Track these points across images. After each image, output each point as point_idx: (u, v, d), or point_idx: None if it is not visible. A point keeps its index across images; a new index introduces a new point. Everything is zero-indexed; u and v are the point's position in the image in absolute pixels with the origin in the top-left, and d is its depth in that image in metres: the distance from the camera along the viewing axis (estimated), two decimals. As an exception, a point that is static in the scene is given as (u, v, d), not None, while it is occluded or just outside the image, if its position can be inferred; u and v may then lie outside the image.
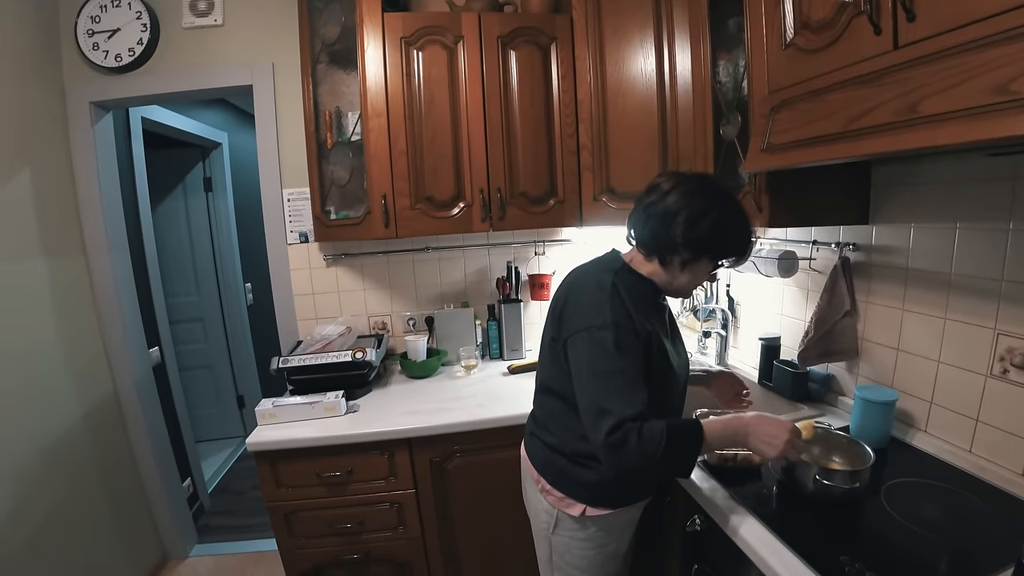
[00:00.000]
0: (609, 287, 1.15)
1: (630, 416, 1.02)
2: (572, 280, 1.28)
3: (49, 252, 2.03)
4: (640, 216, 1.20)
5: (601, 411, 1.05)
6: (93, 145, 2.19)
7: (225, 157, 3.62)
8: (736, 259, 1.21)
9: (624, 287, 1.16)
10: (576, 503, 1.25)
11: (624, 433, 1.01)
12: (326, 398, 1.78)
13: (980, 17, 0.76)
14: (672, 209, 1.13)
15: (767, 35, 1.24)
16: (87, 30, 2.08)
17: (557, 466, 1.27)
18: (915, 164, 1.30)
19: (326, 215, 2.04)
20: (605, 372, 1.07)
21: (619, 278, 1.18)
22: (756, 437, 1.08)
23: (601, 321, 1.10)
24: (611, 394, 1.06)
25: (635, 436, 1.01)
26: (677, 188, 1.14)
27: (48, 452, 1.95)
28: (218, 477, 3.43)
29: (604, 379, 1.07)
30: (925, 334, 1.32)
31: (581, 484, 1.24)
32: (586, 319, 1.13)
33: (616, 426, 1.02)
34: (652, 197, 1.18)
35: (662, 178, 1.20)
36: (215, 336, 3.73)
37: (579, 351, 1.12)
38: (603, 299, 1.13)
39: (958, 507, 1.09)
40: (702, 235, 1.12)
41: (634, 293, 1.17)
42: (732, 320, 2.04)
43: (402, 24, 1.84)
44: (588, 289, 1.18)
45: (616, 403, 1.04)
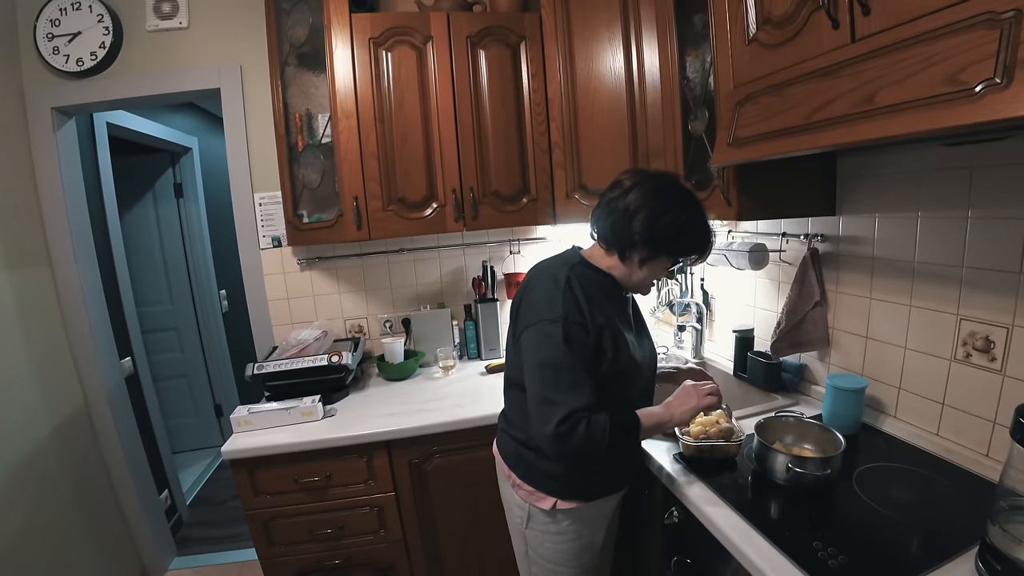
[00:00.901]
0: (563, 282, 1.17)
1: (579, 407, 1.07)
2: (530, 276, 1.30)
3: (11, 264, 1.97)
4: (602, 211, 1.22)
5: (549, 402, 1.08)
6: (56, 152, 2.13)
7: (196, 162, 3.56)
8: (695, 258, 1.23)
9: (579, 281, 1.19)
10: (546, 496, 1.26)
11: (572, 424, 1.06)
12: (303, 403, 1.76)
13: (931, 10, 0.79)
14: (632, 206, 1.15)
15: (731, 31, 1.26)
16: (47, 34, 2.03)
17: (526, 460, 1.29)
18: (878, 155, 1.33)
19: (299, 219, 2.02)
20: (554, 365, 1.10)
21: (574, 272, 1.20)
22: (676, 410, 1.21)
23: (552, 315, 1.13)
24: (560, 387, 1.09)
25: (583, 427, 1.06)
26: (638, 186, 1.16)
27: (17, 469, 1.89)
28: (197, 488, 3.37)
29: (553, 371, 1.10)
30: (892, 321, 1.35)
31: (550, 477, 1.25)
32: (538, 313, 1.16)
33: (565, 417, 1.06)
34: (614, 193, 1.20)
35: (625, 175, 1.22)
36: (190, 345, 3.67)
37: (530, 344, 1.15)
38: (556, 294, 1.16)
39: (927, 489, 1.12)
40: (660, 234, 1.15)
41: (589, 287, 1.19)
42: (707, 313, 2.06)
43: (370, 25, 1.83)
44: (543, 284, 1.21)
45: (564, 395, 1.08)
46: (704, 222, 1.18)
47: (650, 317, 2.23)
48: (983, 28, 0.70)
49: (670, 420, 1.20)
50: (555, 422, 1.06)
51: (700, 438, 1.28)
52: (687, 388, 1.25)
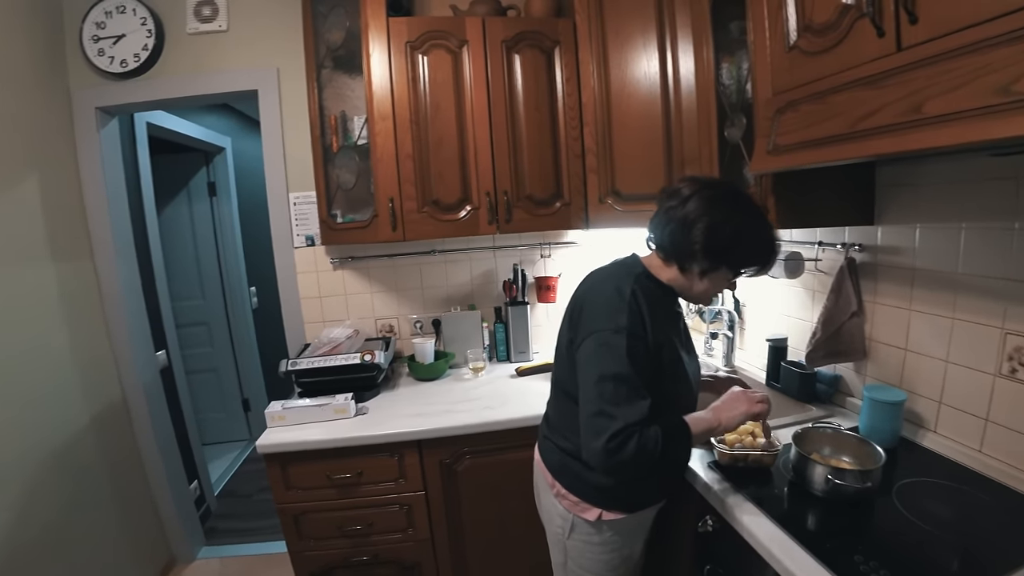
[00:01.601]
0: (628, 294, 1.13)
1: (633, 422, 1.03)
2: (591, 283, 1.27)
3: (57, 257, 2.04)
4: (660, 221, 1.18)
5: (605, 415, 1.04)
6: (99, 150, 2.20)
7: (229, 162, 3.63)
8: (758, 269, 1.18)
9: (644, 294, 1.15)
10: (591, 507, 1.24)
11: (624, 439, 1.02)
12: (336, 400, 1.79)
13: (981, 20, 0.77)
14: (692, 216, 1.11)
15: (770, 38, 1.25)
16: (92, 36, 2.10)
17: (572, 470, 1.26)
18: (920, 164, 1.31)
19: (332, 219, 2.05)
20: (614, 377, 1.06)
21: (639, 284, 1.16)
22: (724, 415, 1.15)
23: (614, 326, 1.09)
24: (618, 400, 1.05)
25: (634, 442, 1.02)
26: (698, 194, 1.13)
27: (57, 455, 1.96)
28: (224, 480, 3.44)
29: (612, 384, 1.06)
30: (933, 334, 1.33)
31: (596, 488, 1.23)
32: (599, 322, 1.12)
33: (618, 432, 1.02)
34: (672, 202, 1.16)
35: (683, 183, 1.18)
36: (220, 340, 3.74)
37: (588, 353, 1.11)
38: (620, 305, 1.12)
39: (970, 506, 1.10)
40: (722, 244, 1.11)
41: (652, 301, 1.16)
42: (738, 321, 2.04)
43: (407, 28, 1.85)
44: (606, 293, 1.17)
45: (621, 409, 1.04)
46: (768, 232, 1.14)
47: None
48: (1040, 40, 0.69)
49: (718, 425, 1.15)
50: (607, 436, 1.02)
51: (736, 446, 1.27)
52: (736, 393, 1.20)
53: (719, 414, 1.16)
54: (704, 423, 1.14)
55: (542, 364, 2.15)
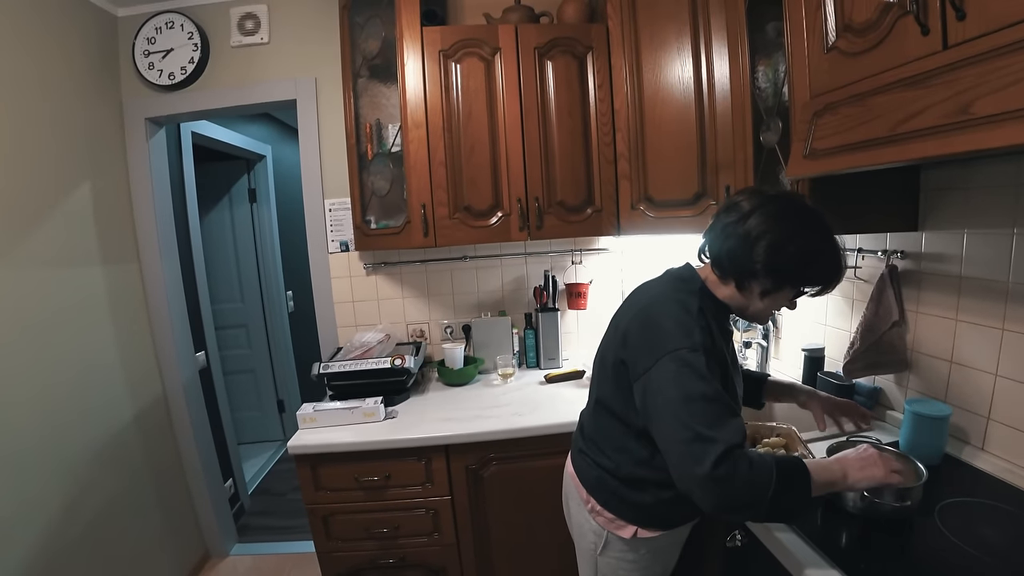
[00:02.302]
0: (696, 311, 1.07)
1: (737, 443, 0.93)
2: (649, 299, 1.18)
3: (107, 260, 2.14)
4: (717, 236, 1.11)
5: (703, 439, 0.93)
6: (148, 158, 2.30)
7: (269, 169, 3.75)
8: (821, 289, 1.09)
9: (709, 311, 1.10)
10: (628, 525, 1.20)
11: (733, 462, 0.91)
12: (365, 404, 1.81)
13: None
14: (754, 232, 1.03)
15: (808, 39, 1.22)
16: (144, 51, 2.20)
17: (609, 488, 1.22)
18: (967, 167, 1.25)
19: (366, 224, 2.09)
20: (703, 397, 0.97)
21: (704, 301, 1.11)
22: (854, 469, 1.00)
23: (691, 343, 1.01)
24: (713, 421, 0.94)
25: (745, 465, 0.91)
26: (760, 209, 1.05)
27: (101, 451, 2.04)
28: (258, 479, 3.52)
29: (702, 404, 0.96)
30: (981, 346, 1.26)
31: (634, 506, 1.19)
32: (674, 341, 1.03)
33: (724, 455, 0.90)
34: (731, 217, 1.08)
35: (743, 196, 1.11)
36: (257, 342, 3.85)
37: (667, 375, 1.01)
38: (689, 321, 1.05)
39: (1019, 530, 1.03)
40: (786, 264, 1.03)
41: (715, 318, 1.11)
42: (773, 330, 1.99)
43: (440, 38, 1.88)
44: (673, 310, 1.09)
45: (720, 430, 0.93)
46: (836, 250, 1.05)
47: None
48: (1099, 34, 0.65)
49: (843, 480, 0.99)
50: (711, 461, 0.90)
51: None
52: (872, 454, 1.03)
53: (848, 470, 1.00)
54: (828, 472, 0.99)
55: (571, 371, 2.13)
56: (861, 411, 1.31)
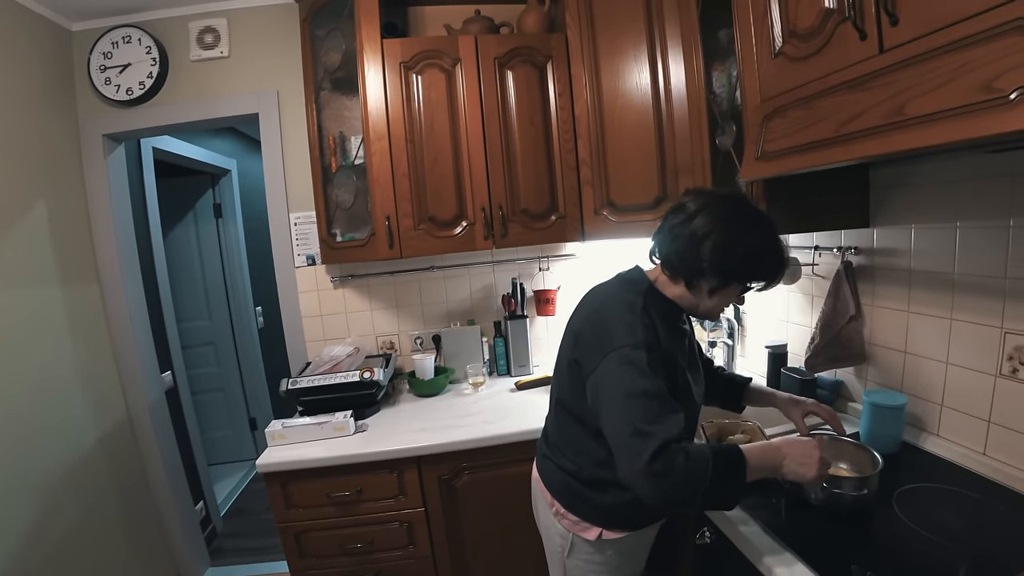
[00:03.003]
0: (640, 308, 1.10)
1: (673, 438, 0.95)
2: (598, 300, 1.22)
3: (65, 280, 2.08)
4: (666, 237, 1.14)
5: (641, 434, 0.96)
6: (106, 176, 2.25)
7: (234, 183, 3.69)
8: (767, 283, 1.13)
9: (654, 308, 1.12)
10: (592, 527, 1.21)
11: (669, 456, 0.93)
12: (335, 418, 1.79)
13: (961, 17, 0.78)
14: (700, 233, 1.06)
15: (757, 45, 1.26)
16: (100, 66, 2.15)
17: (572, 490, 1.23)
18: (912, 165, 1.30)
19: (332, 238, 2.07)
20: (643, 393, 1.00)
21: (649, 299, 1.13)
22: (790, 460, 1.01)
23: (634, 341, 1.04)
24: (651, 416, 0.98)
25: (682, 458, 0.93)
26: (706, 210, 1.08)
27: (64, 476, 1.97)
28: (231, 500, 3.44)
29: (642, 400, 0.99)
30: (932, 336, 1.31)
31: (597, 508, 1.20)
32: (618, 339, 1.06)
33: (660, 449, 0.93)
34: (677, 218, 1.11)
35: (688, 197, 1.14)
36: (227, 360, 3.77)
37: (610, 372, 1.05)
38: (633, 320, 1.08)
39: (974, 511, 1.07)
40: (733, 262, 1.06)
41: (662, 316, 1.13)
42: (738, 329, 2.02)
43: (401, 50, 1.88)
44: (618, 310, 1.12)
45: (657, 425, 0.96)
46: (779, 247, 1.09)
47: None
48: (1015, 35, 0.69)
49: (778, 467, 1.02)
50: (648, 456, 0.93)
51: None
52: (813, 456, 1.02)
53: (785, 462, 1.02)
54: (764, 460, 1.02)
55: (542, 377, 2.14)
56: (838, 421, 1.28)
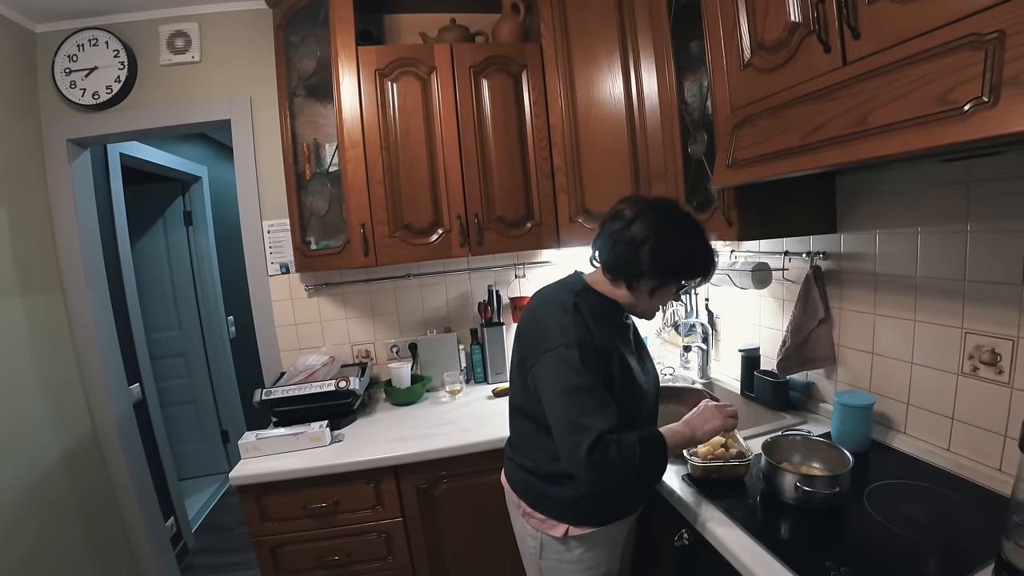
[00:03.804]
0: (571, 307, 1.17)
1: (607, 429, 1.05)
2: (535, 303, 1.30)
3: (26, 291, 2.01)
4: (605, 243, 1.21)
5: (578, 427, 1.06)
6: (71, 182, 2.18)
7: (205, 190, 3.62)
8: (700, 280, 1.24)
9: (586, 306, 1.19)
10: (558, 524, 1.24)
11: (604, 447, 1.03)
12: (310, 428, 1.76)
13: (917, 33, 0.81)
14: (638, 238, 1.14)
15: (727, 56, 1.29)
16: (64, 68, 2.10)
17: (534, 488, 1.28)
18: (876, 172, 1.35)
19: (306, 245, 2.05)
20: (577, 388, 1.09)
21: (580, 298, 1.20)
22: (698, 428, 1.18)
23: (566, 340, 1.12)
24: (586, 410, 1.07)
25: (615, 449, 1.04)
26: (642, 216, 1.16)
27: (25, 494, 1.90)
28: (203, 515, 3.35)
29: (577, 395, 1.08)
30: (897, 337, 1.35)
31: (559, 503, 1.24)
32: (552, 340, 1.14)
33: (596, 440, 1.03)
34: (616, 225, 1.19)
35: (624, 204, 1.22)
36: (198, 371, 3.68)
37: (547, 371, 1.13)
38: (566, 319, 1.15)
39: (940, 506, 1.11)
40: (670, 264, 1.15)
41: (596, 312, 1.19)
42: (712, 333, 2.06)
43: (376, 57, 1.88)
44: (552, 311, 1.20)
45: (591, 419, 1.06)
46: (708, 246, 1.19)
47: (656, 338, 2.24)
48: (968, 49, 0.72)
49: (692, 437, 1.19)
50: (586, 447, 1.03)
51: (708, 459, 1.28)
52: (709, 408, 1.23)
53: (693, 428, 1.19)
54: (679, 436, 1.18)
55: (521, 384, 2.14)
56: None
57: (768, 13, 1.13)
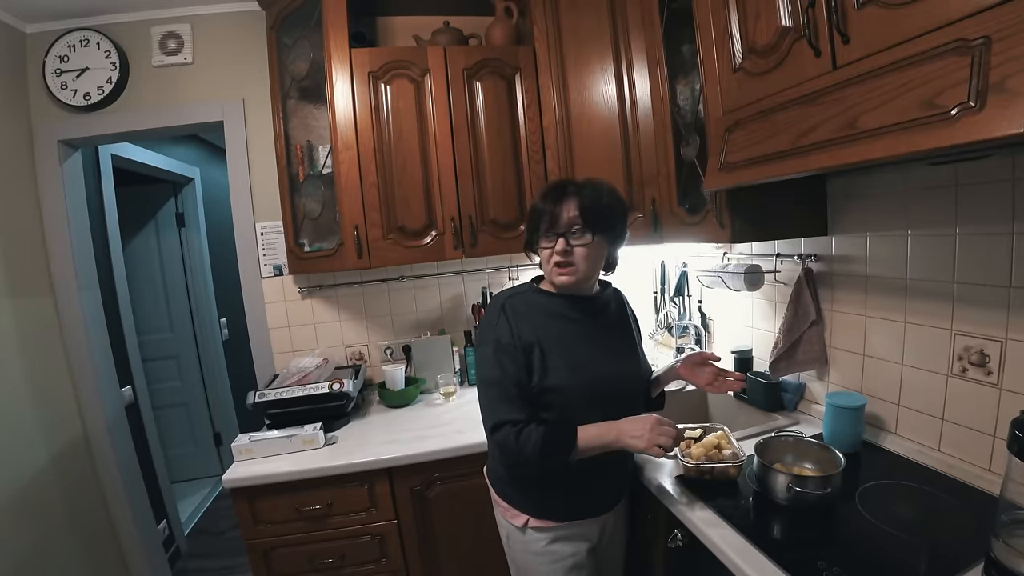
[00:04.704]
0: (499, 308, 1.26)
1: (507, 420, 1.17)
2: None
3: (15, 292, 1.99)
4: None
5: (486, 414, 1.22)
6: (61, 183, 2.17)
7: (198, 192, 3.61)
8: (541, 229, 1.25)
9: (518, 304, 1.27)
10: (519, 513, 1.30)
11: (503, 435, 1.17)
12: (304, 431, 1.76)
13: (906, 38, 0.82)
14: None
15: (718, 60, 1.30)
16: (55, 69, 2.09)
17: (497, 474, 1.37)
18: (866, 175, 1.36)
19: (300, 248, 2.05)
20: (484, 380, 1.23)
21: (517, 298, 1.29)
22: (624, 434, 1.16)
23: (486, 338, 1.25)
24: (491, 401, 1.21)
25: (513, 436, 1.16)
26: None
27: (15, 499, 1.89)
28: (195, 518, 3.33)
29: (485, 387, 1.23)
30: (888, 338, 1.37)
31: (517, 490, 1.31)
32: (480, 337, 1.30)
33: (495, 427, 1.18)
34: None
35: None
36: (190, 373, 3.66)
37: (476, 364, 1.32)
38: (493, 319, 1.26)
39: (930, 505, 1.12)
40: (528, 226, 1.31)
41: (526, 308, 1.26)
42: (705, 335, 2.07)
43: (369, 59, 1.88)
44: (488, 312, 1.30)
45: (495, 408, 1.20)
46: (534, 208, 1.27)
47: (649, 340, 2.24)
48: (955, 55, 0.73)
49: (615, 441, 1.16)
50: (488, 430, 1.20)
51: (701, 460, 1.28)
52: (649, 420, 1.17)
53: (619, 432, 1.17)
54: (595, 437, 1.18)
55: (515, 385, 2.14)
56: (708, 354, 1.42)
57: (759, 17, 1.14)
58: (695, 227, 1.53)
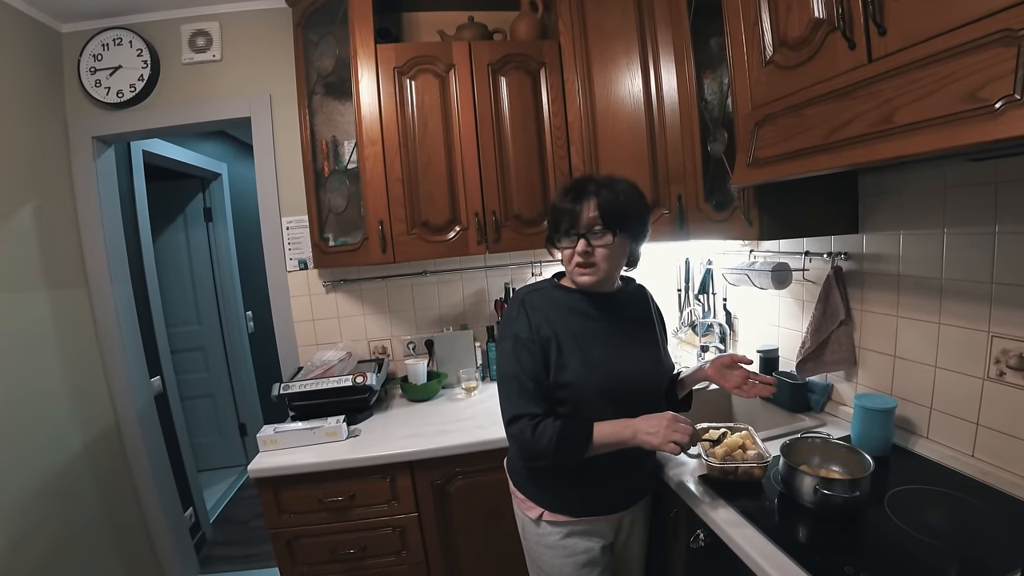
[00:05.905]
0: (518, 304, 1.28)
1: (524, 414, 1.18)
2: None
3: (52, 284, 2.05)
4: None
5: (504, 406, 1.23)
6: (95, 178, 2.23)
7: (225, 187, 3.68)
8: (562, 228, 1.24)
9: (537, 299, 1.27)
10: (534, 506, 1.32)
11: (519, 428, 1.18)
12: (327, 423, 1.78)
13: (946, 29, 0.79)
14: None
15: (748, 53, 1.27)
16: (89, 68, 2.14)
17: (515, 467, 1.39)
18: (899, 172, 1.32)
19: (324, 242, 2.07)
20: (502, 375, 1.25)
21: (536, 293, 1.30)
22: (640, 431, 1.15)
23: (506, 333, 1.26)
24: (509, 394, 1.22)
25: (529, 432, 1.16)
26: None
27: (50, 484, 1.95)
28: (220, 506, 3.40)
29: (503, 381, 1.25)
30: (920, 340, 1.33)
31: (533, 484, 1.33)
32: (501, 332, 1.32)
33: (512, 420, 1.19)
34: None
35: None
36: (216, 365, 3.74)
37: (497, 358, 1.32)
38: (514, 314, 1.27)
39: (963, 513, 1.09)
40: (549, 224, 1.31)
41: (544, 304, 1.27)
42: (730, 334, 2.04)
43: (395, 55, 1.89)
44: (509, 307, 1.31)
45: (512, 402, 1.21)
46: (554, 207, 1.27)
47: (672, 338, 2.22)
48: (1000, 46, 0.70)
49: (631, 438, 1.15)
50: (506, 423, 1.21)
51: (725, 460, 1.27)
52: (665, 417, 1.15)
53: (636, 429, 1.16)
54: (612, 433, 1.18)
55: (536, 382, 2.14)
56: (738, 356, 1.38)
57: (791, 9, 1.11)
58: (722, 224, 1.50)
